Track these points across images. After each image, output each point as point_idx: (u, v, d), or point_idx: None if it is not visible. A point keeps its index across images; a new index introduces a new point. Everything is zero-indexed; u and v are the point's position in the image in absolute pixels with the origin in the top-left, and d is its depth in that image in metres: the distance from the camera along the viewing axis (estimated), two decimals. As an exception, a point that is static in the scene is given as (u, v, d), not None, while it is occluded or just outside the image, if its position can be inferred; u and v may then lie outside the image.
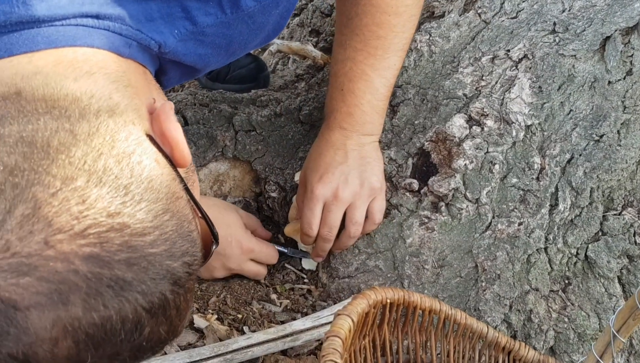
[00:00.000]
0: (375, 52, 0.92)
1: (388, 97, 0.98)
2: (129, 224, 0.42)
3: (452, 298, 0.95)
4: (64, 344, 0.41)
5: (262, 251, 1.02)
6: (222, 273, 1.02)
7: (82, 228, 0.40)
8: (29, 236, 0.39)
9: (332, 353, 0.61)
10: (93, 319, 0.41)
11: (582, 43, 0.99)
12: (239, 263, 1.00)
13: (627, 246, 0.93)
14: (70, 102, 0.48)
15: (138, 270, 0.42)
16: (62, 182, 0.41)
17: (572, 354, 0.91)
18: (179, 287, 0.45)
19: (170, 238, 0.45)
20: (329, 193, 0.94)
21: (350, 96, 0.95)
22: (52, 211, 0.40)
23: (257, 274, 1.04)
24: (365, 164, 0.97)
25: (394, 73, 0.96)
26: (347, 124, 0.96)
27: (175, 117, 0.55)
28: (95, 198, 0.42)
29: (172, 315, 0.45)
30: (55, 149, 0.43)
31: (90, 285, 0.40)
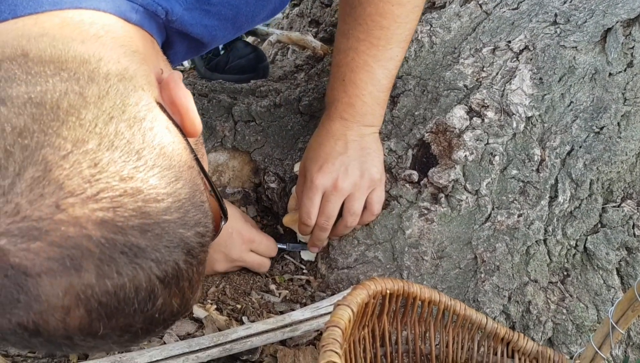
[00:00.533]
0: (377, 42, 0.92)
1: (389, 89, 0.98)
2: (142, 189, 0.41)
3: (451, 289, 0.95)
4: (76, 313, 0.39)
5: (263, 242, 1.02)
6: (223, 266, 1.02)
7: (94, 191, 0.39)
8: (40, 199, 0.38)
9: (332, 344, 0.61)
10: (106, 287, 0.39)
11: (583, 35, 0.99)
12: (241, 254, 1.00)
13: (626, 238, 0.93)
14: (79, 64, 0.46)
15: (152, 237, 0.41)
16: (73, 144, 0.40)
17: (570, 345, 0.92)
18: (192, 258, 0.44)
19: (184, 206, 0.44)
20: (329, 183, 0.94)
21: (351, 86, 0.94)
22: (63, 174, 0.38)
23: (260, 265, 1.04)
24: (366, 155, 0.96)
25: (396, 64, 0.96)
26: (348, 114, 0.96)
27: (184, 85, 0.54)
28: (108, 161, 0.40)
29: (184, 287, 0.44)
30: (65, 111, 0.41)
31: (104, 250, 0.39)
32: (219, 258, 1.00)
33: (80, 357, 0.86)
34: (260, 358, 0.89)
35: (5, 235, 0.37)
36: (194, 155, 0.50)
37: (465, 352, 0.85)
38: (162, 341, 0.88)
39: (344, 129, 0.96)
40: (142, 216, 0.40)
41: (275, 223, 1.14)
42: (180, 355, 0.83)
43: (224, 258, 1.00)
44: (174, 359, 0.82)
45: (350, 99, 0.95)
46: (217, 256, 1.00)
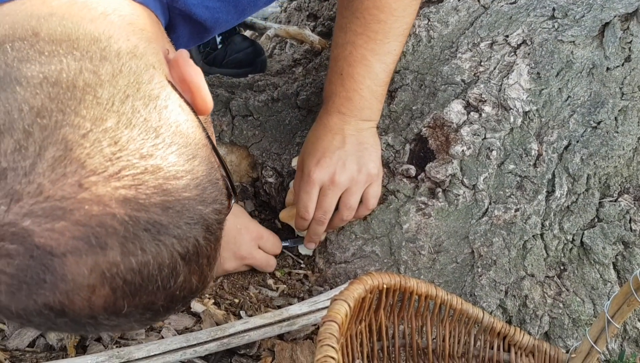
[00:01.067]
0: (375, 36, 0.91)
1: (387, 83, 0.98)
2: (162, 167, 0.41)
3: (448, 283, 0.95)
4: (102, 292, 0.40)
5: (270, 238, 1.02)
6: (233, 264, 1.01)
7: (116, 169, 0.39)
8: (62, 179, 0.37)
9: (329, 338, 0.61)
10: (131, 264, 0.40)
11: (581, 29, 0.99)
12: (250, 250, 1.00)
13: (623, 233, 0.94)
14: (90, 42, 0.46)
15: (173, 213, 0.41)
16: (92, 123, 0.40)
17: (566, 339, 0.92)
18: (210, 234, 0.45)
19: (202, 183, 0.44)
20: (326, 178, 0.95)
21: (349, 80, 0.94)
22: (84, 152, 0.38)
23: (268, 263, 1.03)
24: (363, 150, 0.96)
25: (394, 59, 0.96)
26: (346, 109, 0.95)
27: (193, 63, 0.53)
28: (127, 139, 0.40)
29: (203, 264, 0.45)
30: (82, 89, 0.41)
31: (128, 228, 0.39)
32: (228, 256, 0.99)
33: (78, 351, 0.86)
34: (258, 353, 0.89)
35: (29, 215, 0.37)
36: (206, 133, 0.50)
37: (462, 346, 0.86)
38: (160, 335, 0.88)
39: (342, 124, 0.96)
40: (163, 194, 0.41)
41: (273, 218, 1.14)
42: (178, 350, 0.83)
43: (234, 256, 0.99)
44: (172, 353, 0.83)
45: (348, 93, 0.95)
46: (226, 254, 0.99)
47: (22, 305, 0.39)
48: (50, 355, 0.85)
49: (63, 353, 0.85)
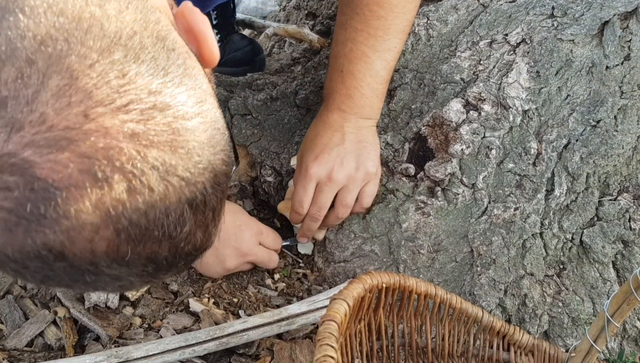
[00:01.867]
0: (375, 33, 0.91)
1: (388, 81, 0.97)
2: (172, 105, 0.40)
3: (447, 282, 0.95)
4: (105, 233, 0.38)
5: (270, 234, 1.01)
6: (234, 262, 0.98)
7: (124, 102, 0.37)
8: (67, 108, 0.35)
9: (328, 338, 0.61)
10: (137, 203, 0.38)
11: (581, 28, 0.99)
12: (251, 246, 0.98)
13: (622, 232, 0.93)
14: None
15: (182, 154, 0.39)
16: (99, 54, 0.38)
17: (566, 338, 0.92)
18: (218, 185, 0.43)
19: (209, 128, 0.42)
20: (324, 174, 0.94)
21: (349, 78, 0.94)
22: (91, 83, 0.36)
23: (270, 260, 1.01)
24: (362, 148, 0.96)
25: (395, 56, 0.95)
26: (346, 106, 0.95)
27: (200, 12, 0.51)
28: (135, 73, 0.38)
29: (209, 217, 0.43)
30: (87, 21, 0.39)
31: (135, 164, 0.37)
32: (230, 253, 0.97)
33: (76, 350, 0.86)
34: (257, 352, 0.89)
35: (31, 145, 0.35)
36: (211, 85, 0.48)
37: (461, 345, 0.85)
38: (159, 335, 0.88)
39: (342, 121, 0.96)
40: (172, 133, 0.39)
41: (272, 217, 1.14)
42: (177, 349, 0.83)
43: (235, 253, 0.97)
44: (171, 353, 0.83)
45: (349, 91, 0.94)
46: (227, 251, 0.96)
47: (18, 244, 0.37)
48: (48, 355, 0.85)
49: (61, 353, 0.85)
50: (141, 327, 0.90)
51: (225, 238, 0.95)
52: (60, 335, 0.87)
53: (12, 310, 0.90)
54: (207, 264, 0.98)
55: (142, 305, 0.93)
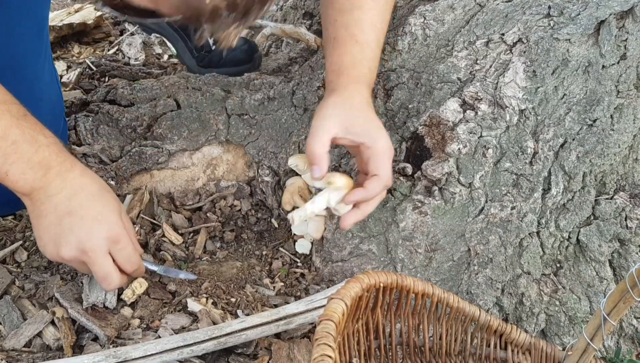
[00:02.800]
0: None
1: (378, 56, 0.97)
2: None
3: (444, 281, 0.95)
4: None
5: (128, 247, 0.86)
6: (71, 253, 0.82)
7: None
8: None
9: (326, 337, 0.61)
10: None
11: (577, 27, 0.99)
12: (96, 249, 0.82)
13: (619, 230, 0.94)
14: None
15: None
16: None
17: (562, 337, 0.92)
18: None
19: None
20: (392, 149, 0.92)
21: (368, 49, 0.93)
22: None
23: (107, 276, 0.84)
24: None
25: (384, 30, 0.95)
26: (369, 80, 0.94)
27: None
28: None
29: None
30: None
31: None
32: (71, 240, 0.82)
33: (75, 351, 0.86)
34: (255, 352, 0.89)
35: None
36: None
37: (458, 344, 0.86)
38: (157, 335, 0.88)
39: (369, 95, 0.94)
40: None
41: (269, 217, 1.14)
42: (175, 349, 0.83)
43: (76, 244, 0.82)
44: (169, 353, 0.83)
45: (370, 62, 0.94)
46: (70, 237, 0.82)
47: None
48: (46, 355, 0.85)
49: (60, 353, 0.85)
50: (139, 327, 0.90)
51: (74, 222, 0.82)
52: (58, 335, 0.87)
53: (10, 311, 0.90)
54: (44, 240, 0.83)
55: (141, 306, 0.93)
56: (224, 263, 1.06)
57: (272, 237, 1.13)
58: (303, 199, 1.07)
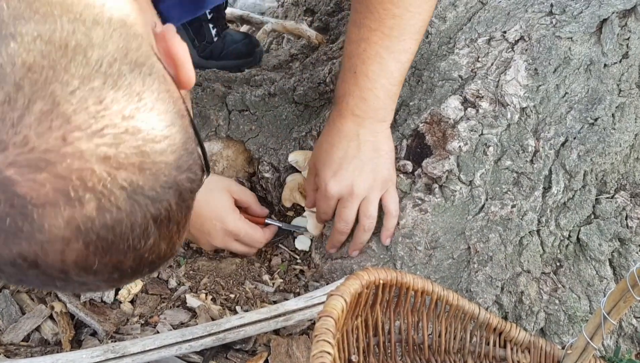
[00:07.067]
0: (390, 32, 0.89)
1: (402, 82, 0.95)
2: (142, 129, 0.43)
3: (444, 279, 0.95)
4: (75, 246, 0.41)
5: (248, 234, 1.02)
6: (210, 248, 1.05)
7: (99, 127, 0.41)
8: (47, 132, 0.39)
9: (325, 334, 0.61)
10: (105, 220, 0.41)
11: (579, 25, 0.99)
12: (225, 243, 1.02)
13: (619, 229, 0.94)
14: (84, 7, 0.47)
15: (149, 175, 0.43)
16: (80, 81, 0.41)
17: (562, 335, 0.92)
18: (182, 201, 0.46)
19: (178, 150, 0.46)
20: (344, 190, 0.94)
21: (363, 79, 0.92)
22: (71, 108, 0.40)
23: (245, 254, 1.06)
24: (379, 157, 0.95)
25: (409, 58, 0.93)
26: (360, 110, 0.93)
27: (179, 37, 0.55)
28: (112, 100, 0.42)
29: (173, 230, 0.47)
30: (73, 49, 0.43)
31: (105, 184, 0.41)
32: (204, 241, 1.02)
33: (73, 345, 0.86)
34: (254, 348, 0.89)
35: (14, 165, 0.39)
36: (185, 106, 0.52)
37: (457, 342, 0.86)
38: (156, 330, 0.88)
39: (357, 128, 0.94)
40: (141, 155, 0.43)
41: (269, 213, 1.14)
42: (174, 345, 0.83)
43: (208, 243, 1.02)
44: (167, 348, 0.83)
45: (362, 93, 0.92)
46: (202, 239, 1.02)
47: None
48: (45, 350, 0.85)
49: (58, 348, 0.85)
50: (138, 322, 0.90)
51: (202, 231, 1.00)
52: (56, 329, 0.87)
53: (8, 305, 0.90)
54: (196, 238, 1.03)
55: (139, 301, 0.93)
56: (223, 259, 1.06)
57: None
58: (303, 195, 1.07)
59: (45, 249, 0.41)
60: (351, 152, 0.94)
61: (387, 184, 0.96)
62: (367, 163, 0.94)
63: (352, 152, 0.94)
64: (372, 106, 0.93)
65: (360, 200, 0.95)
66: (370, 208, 0.96)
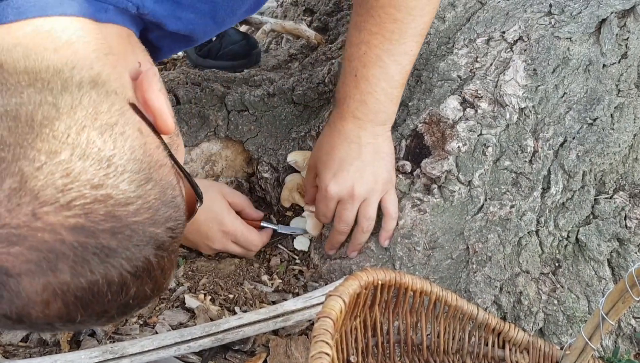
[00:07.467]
0: (391, 36, 0.88)
1: (403, 85, 0.95)
2: (112, 195, 0.44)
3: (443, 279, 0.95)
4: (55, 306, 0.43)
5: (244, 235, 1.02)
6: (210, 252, 1.05)
7: (67, 200, 0.42)
8: (17, 208, 0.41)
9: (324, 334, 0.61)
10: (81, 283, 0.43)
11: (578, 25, 0.99)
12: (223, 245, 1.03)
13: (618, 230, 0.94)
14: (52, 74, 0.48)
15: (122, 238, 0.44)
16: (47, 156, 0.42)
17: (561, 336, 0.92)
18: (163, 251, 0.47)
19: (153, 206, 0.46)
20: (344, 192, 0.94)
21: (364, 82, 0.91)
22: (38, 184, 0.41)
23: (244, 255, 1.06)
24: (380, 159, 0.95)
25: (411, 60, 0.92)
26: (361, 113, 0.93)
27: (159, 83, 0.56)
28: (79, 171, 0.43)
29: (156, 275, 0.47)
30: (39, 123, 0.43)
31: (77, 253, 0.42)
32: (203, 245, 1.03)
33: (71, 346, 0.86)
34: (252, 348, 0.89)
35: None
36: (167, 151, 0.52)
37: (456, 342, 0.86)
38: (154, 331, 0.88)
39: (358, 130, 0.94)
40: (112, 220, 0.43)
41: (268, 213, 1.14)
42: (172, 345, 0.83)
43: (207, 247, 1.03)
44: (166, 349, 0.83)
45: (363, 96, 0.92)
46: (201, 244, 1.03)
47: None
48: (43, 350, 0.85)
49: (56, 348, 0.85)
50: (137, 322, 0.90)
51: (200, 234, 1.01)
52: (55, 330, 0.87)
53: (7, 305, 0.89)
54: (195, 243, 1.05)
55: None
56: (222, 259, 1.06)
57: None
58: (302, 196, 1.07)
59: (26, 310, 0.43)
60: (352, 154, 0.94)
61: (387, 186, 0.96)
62: (367, 165, 0.94)
63: (353, 154, 0.94)
64: (372, 109, 0.93)
65: (360, 202, 0.95)
66: (369, 210, 0.96)
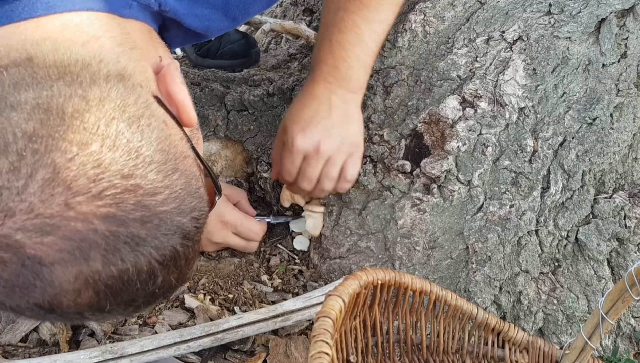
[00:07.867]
0: (369, 2, 0.90)
1: (376, 54, 0.96)
2: (142, 185, 0.45)
3: (442, 279, 0.95)
4: (86, 295, 0.44)
5: (244, 224, 1.03)
6: (211, 248, 1.05)
7: (99, 190, 0.43)
8: (51, 198, 0.42)
9: (323, 334, 0.61)
10: (112, 272, 0.44)
11: (577, 25, 0.99)
12: (224, 237, 1.03)
13: (617, 229, 0.94)
14: (81, 68, 0.49)
15: (151, 227, 0.45)
16: (79, 147, 0.44)
17: (560, 335, 0.92)
18: (188, 240, 0.49)
19: (180, 196, 0.48)
20: (311, 147, 0.94)
21: (338, 48, 0.93)
22: (71, 175, 0.43)
23: (246, 248, 1.06)
24: (348, 123, 0.96)
25: (386, 29, 0.94)
26: (332, 78, 0.94)
27: (180, 77, 0.57)
28: (110, 161, 0.44)
29: (181, 265, 0.49)
30: (70, 115, 0.45)
31: (109, 242, 0.44)
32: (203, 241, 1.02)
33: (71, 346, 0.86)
34: (252, 348, 0.89)
35: (22, 230, 0.42)
36: (190, 144, 0.54)
37: (456, 342, 0.86)
38: (154, 331, 0.88)
39: (329, 93, 0.95)
40: (142, 209, 0.45)
41: (268, 213, 1.14)
42: (172, 345, 0.83)
43: (208, 242, 1.03)
44: (166, 349, 0.82)
45: (336, 61, 0.93)
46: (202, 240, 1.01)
47: (15, 302, 0.44)
48: (42, 350, 0.85)
49: (56, 349, 0.85)
50: (136, 322, 0.90)
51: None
52: (54, 330, 0.87)
53: (6, 306, 0.89)
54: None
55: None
56: (222, 259, 1.06)
57: (271, 233, 1.13)
58: (302, 196, 1.07)
59: (58, 299, 0.44)
60: (321, 113, 0.94)
61: (352, 149, 0.97)
62: (336, 125, 0.95)
63: (322, 113, 0.94)
64: (344, 74, 0.94)
65: (324, 160, 0.96)
66: (332, 169, 0.96)
